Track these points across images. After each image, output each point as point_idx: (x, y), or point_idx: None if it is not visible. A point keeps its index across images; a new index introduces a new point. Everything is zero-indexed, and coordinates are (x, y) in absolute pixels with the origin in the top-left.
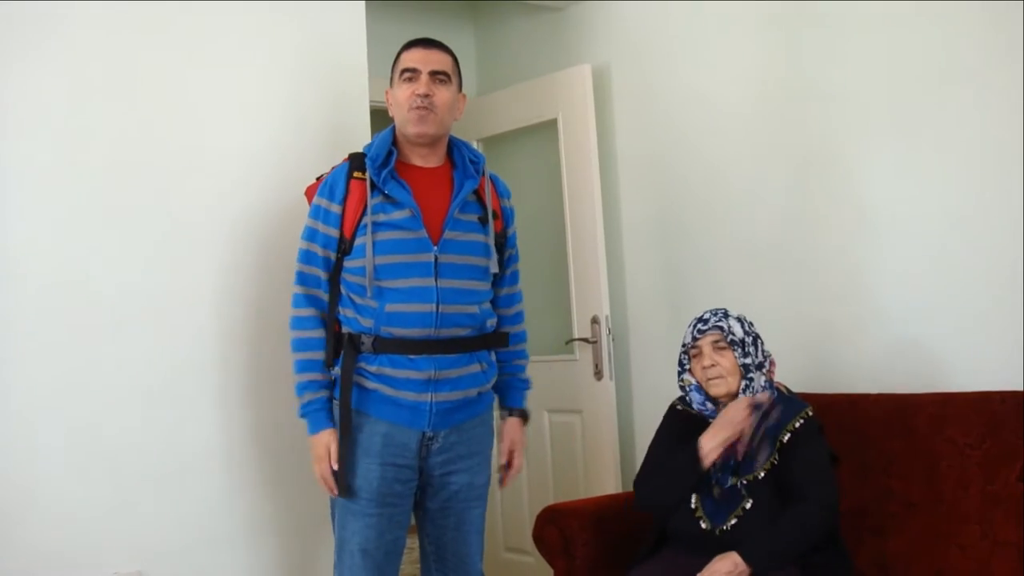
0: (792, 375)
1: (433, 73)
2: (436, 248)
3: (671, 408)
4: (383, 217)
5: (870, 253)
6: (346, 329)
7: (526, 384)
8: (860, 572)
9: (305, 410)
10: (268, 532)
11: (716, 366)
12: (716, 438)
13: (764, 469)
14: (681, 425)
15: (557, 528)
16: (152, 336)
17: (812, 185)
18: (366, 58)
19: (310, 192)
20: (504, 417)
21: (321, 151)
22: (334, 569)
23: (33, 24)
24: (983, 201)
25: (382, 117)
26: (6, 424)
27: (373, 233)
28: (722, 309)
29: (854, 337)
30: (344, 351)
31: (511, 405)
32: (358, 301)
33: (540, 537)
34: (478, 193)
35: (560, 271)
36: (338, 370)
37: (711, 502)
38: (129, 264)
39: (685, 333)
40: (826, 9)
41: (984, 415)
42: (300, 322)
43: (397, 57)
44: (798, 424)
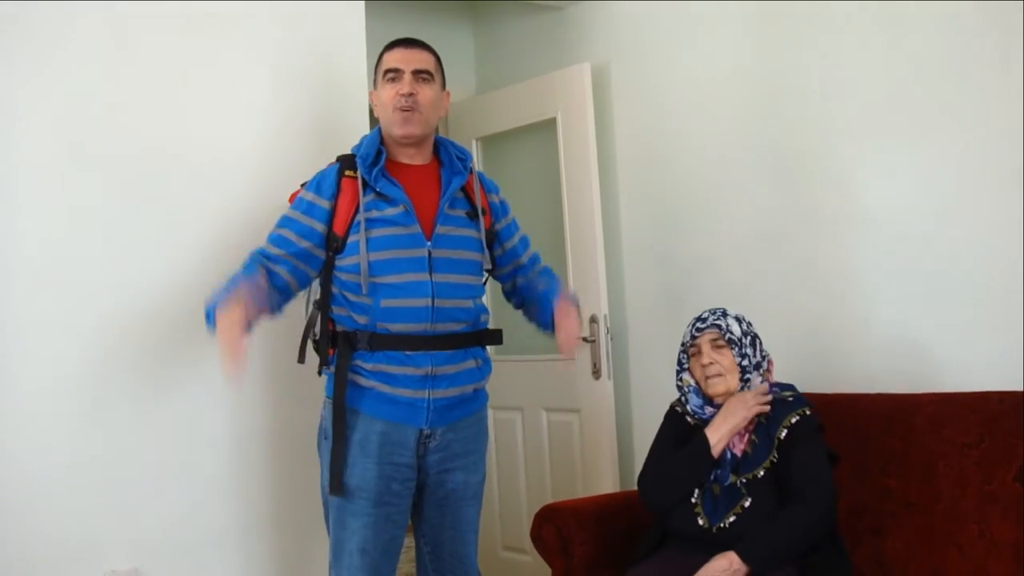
0: (790, 374)
1: (416, 72)
2: (429, 243)
3: (671, 409)
4: (376, 214)
5: (868, 252)
6: (340, 327)
7: (558, 285)
8: (858, 571)
9: (212, 301)
10: (264, 530)
11: (714, 364)
12: (721, 428)
13: (764, 467)
14: (681, 426)
15: (555, 527)
16: (149, 335)
17: (811, 184)
18: (365, 58)
19: (293, 198)
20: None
21: (320, 151)
22: (330, 569)
23: (30, 25)
24: (982, 200)
25: None
26: (3, 421)
27: (368, 230)
28: (721, 308)
29: (852, 337)
30: (339, 349)
31: (552, 297)
32: (352, 299)
33: (538, 536)
34: (466, 190)
35: (558, 270)
36: (332, 368)
37: (710, 500)
38: (127, 263)
39: (684, 332)
40: (824, 9)
41: (982, 415)
42: (243, 267)
43: (379, 58)
44: (794, 420)
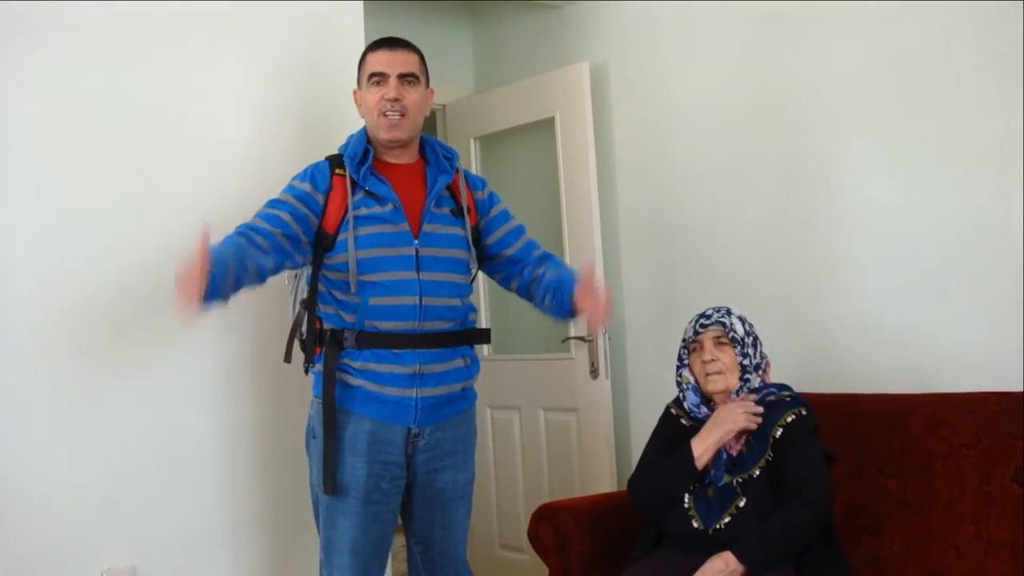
0: (788, 374)
1: (401, 76)
2: (417, 241)
3: (666, 411)
4: (365, 211)
5: (867, 252)
6: (328, 326)
7: (571, 275)
8: (855, 571)
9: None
10: (262, 528)
11: (716, 361)
12: (706, 440)
13: (759, 467)
14: (675, 429)
15: (552, 526)
16: (146, 334)
17: (809, 184)
18: None
19: None
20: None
21: (320, 151)
22: (321, 568)
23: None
24: (981, 201)
25: None
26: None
27: (356, 228)
28: (725, 307)
29: (850, 336)
30: (326, 347)
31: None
32: (340, 297)
33: (535, 535)
34: (451, 188)
35: None
36: (319, 367)
37: (704, 502)
38: (123, 262)
39: (686, 328)
40: (822, 9)
41: (980, 415)
42: (228, 237)
43: (363, 58)
44: (790, 419)
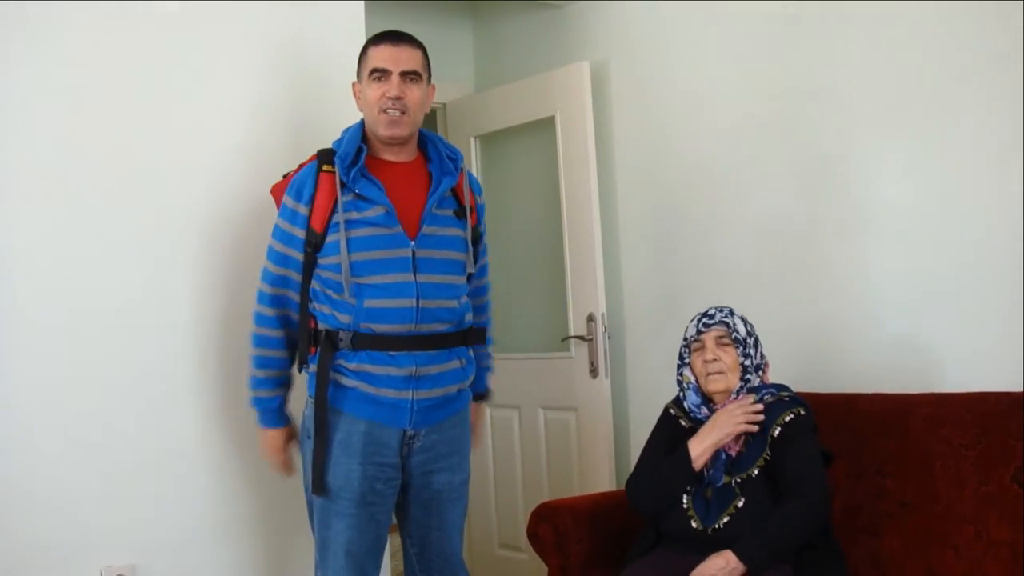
0: (788, 374)
1: (404, 73)
2: (413, 243)
3: (665, 411)
4: (356, 215)
5: (867, 252)
6: (323, 326)
7: (489, 370)
8: (853, 571)
9: (261, 406)
10: (261, 527)
11: (718, 361)
12: (704, 442)
13: (757, 466)
14: (674, 429)
15: (551, 525)
16: (144, 333)
17: (809, 183)
18: None
19: (276, 190)
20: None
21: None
22: (316, 569)
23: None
24: (982, 201)
25: None
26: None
27: (348, 230)
28: (727, 307)
29: (850, 336)
30: (321, 348)
31: (476, 390)
32: (335, 297)
33: (534, 534)
34: (454, 189)
35: (556, 268)
36: (313, 367)
37: (702, 502)
38: (125, 261)
39: (687, 327)
40: (824, 8)
41: (979, 415)
42: (263, 320)
43: (365, 50)
44: (788, 418)
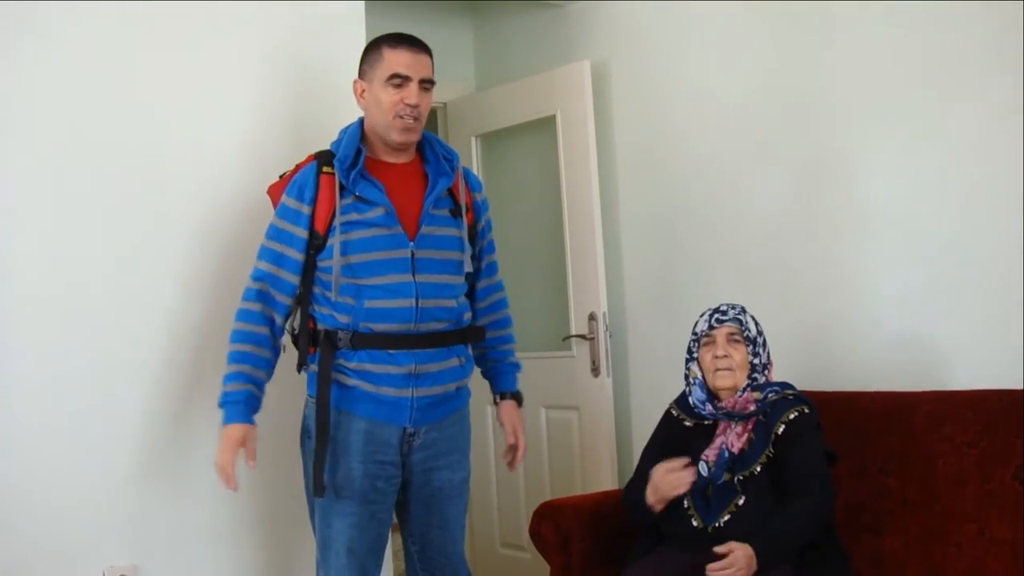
0: (790, 372)
1: (422, 81)
2: (412, 244)
3: (667, 412)
4: (356, 216)
5: (868, 251)
6: (321, 326)
7: (516, 367)
8: (856, 570)
9: (224, 399)
10: (263, 526)
11: (728, 357)
12: (655, 495)
13: (760, 463)
14: (675, 429)
15: (553, 524)
16: (146, 333)
17: (811, 182)
18: None
19: (273, 190)
20: (498, 402)
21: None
22: (318, 568)
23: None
24: (982, 200)
25: None
26: (1, 419)
27: (347, 232)
28: (739, 304)
29: (852, 334)
30: (321, 348)
31: (504, 389)
32: (335, 298)
33: (536, 533)
34: (450, 189)
35: (558, 267)
36: (313, 367)
37: (703, 500)
38: (126, 261)
39: (697, 321)
40: (825, 8)
41: (981, 414)
42: (246, 315)
43: (378, 50)
44: (792, 416)
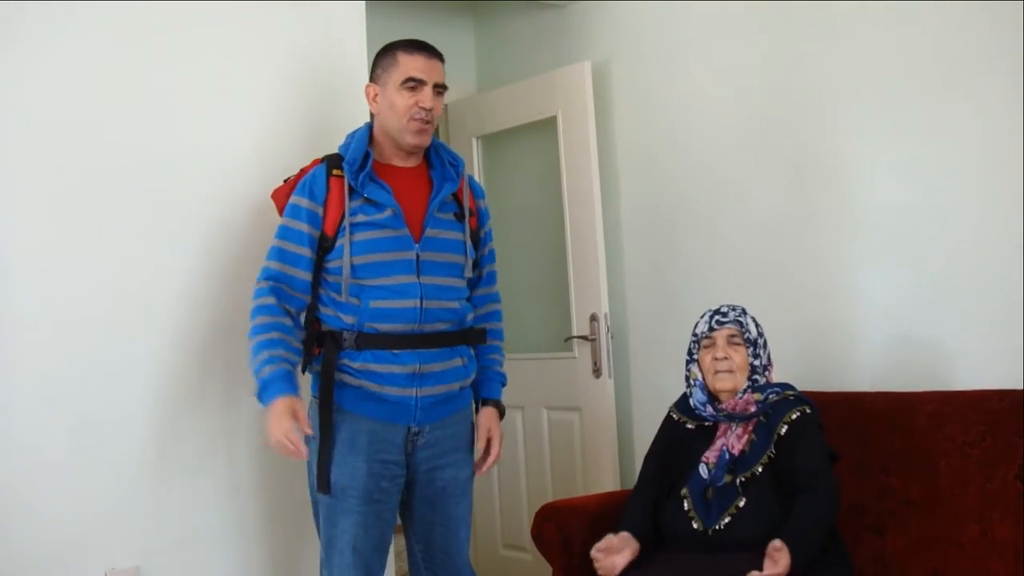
0: (791, 372)
1: (436, 86)
2: (418, 246)
3: (667, 416)
4: (363, 218)
5: (869, 251)
6: (326, 327)
7: (502, 377)
8: (858, 570)
9: (263, 382)
10: (264, 527)
11: (728, 359)
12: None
13: (762, 463)
14: (674, 435)
15: (555, 526)
16: (148, 333)
17: (811, 183)
18: (366, 57)
19: (277, 195)
20: (478, 408)
21: (321, 151)
22: (322, 567)
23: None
24: (983, 200)
25: None
26: (2, 419)
27: (354, 233)
28: (740, 305)
29: (853, 335)
30: (325, 348)
31: (487, 396)
32: (339, 299)
33: (538, 535)
34: (455, 194)
35: (559, 269)
36: (317, 367)
37: (703, 503)
38: (128, 262)
39: (698, 323)
40: (824, 8)
41: (984, 413)
42: (263, 309)
43: (392, 55)
44: (794, 416)
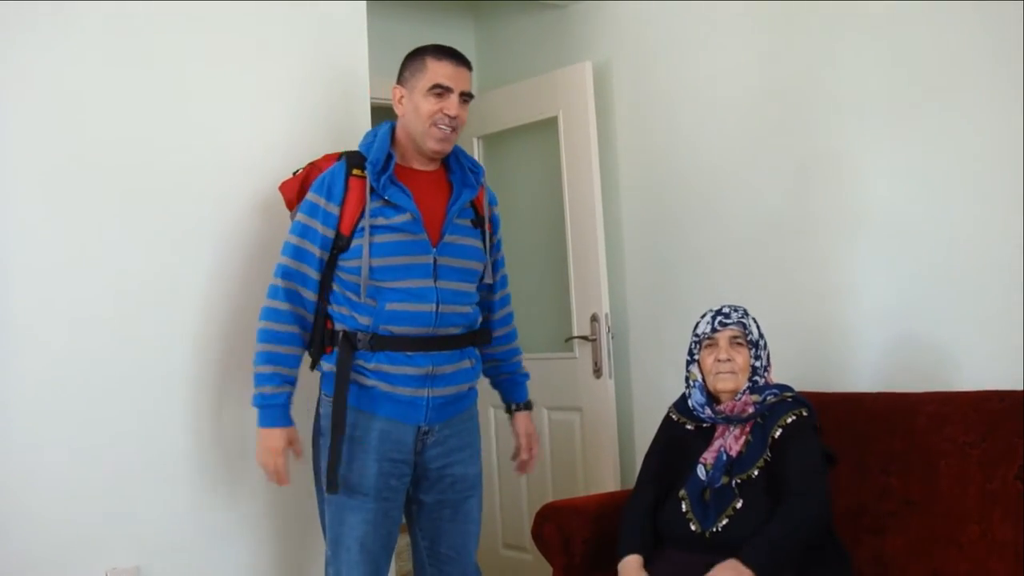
0: (791, 373)
1: (462, 94)
2: (435, 250)
3: (666, 417)
4: (383, 221)
5: (870, 251)
6: (339, 326)
7: (526, 377)
8: (857, 571)
9: (264, 401)
10: (265, 528)
11: (730, 361)
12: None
13: (757, 467)
14: (673, 436)
15: (556, 525)
16: (150, 335)
17: (812, 183)
18: (367, 57)
19: (286, 187)
20: (512, 411)
21: (322, 150)
22: (328, 566)
23: (30, 23)
24: (982, 200)
25: (383, 115)
26: (3, 419)
27: (372, 235)
28: (741, 306)
29: (853, 335)
30: (340, 348)
31: (517, 400)
32: (355, 299)
33: (539, 535)
34: (473, 201)
35: (560, 269)
36: (329, 366)
37: (701, 505)
38: (129, 262)
39: (699, 323)
40: (826, 9)
41: (984, 414)
42: (275, 314)
43: (421, 60)
44: (790, 420)
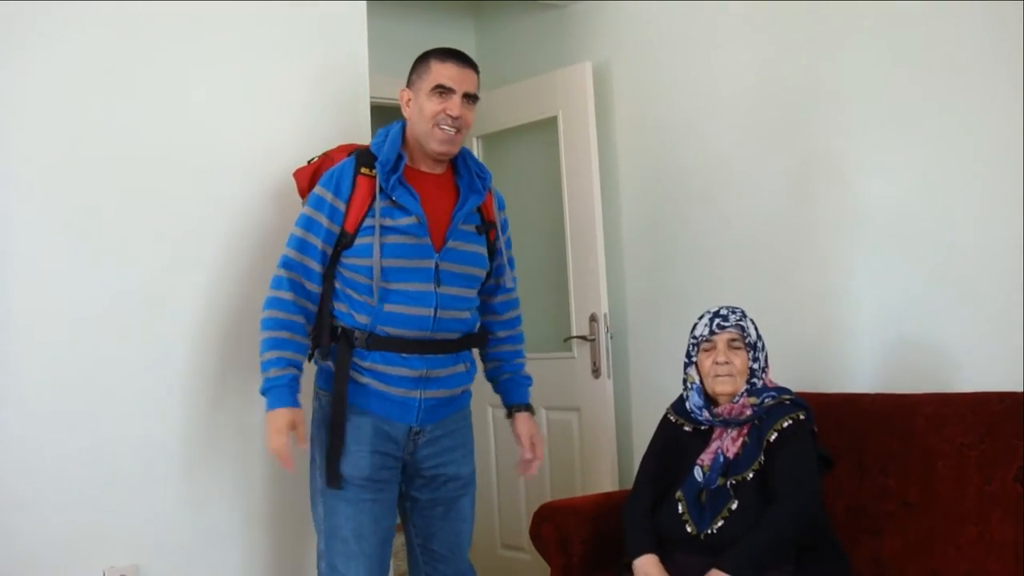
0: (789, 374)
1: (466, 95)
2: (438, 255)
3: (664, 418)
4: (389, 222)
5: (869, 252)
6: (338, 323)
7: (529, 380)
8: (856, 571)
9: (269, 384)
10: (263, 525)
11: (729, 364)
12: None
13: (752, 470)
14: (671, 437)
15: (554, 526)
16: (150, 334)
17: (812, 183)
18: (367, 56)
19: (300, 174)
20: (513, 414)
21: (321, 150)
22: (320, 559)
23: (32, 22)
24: (982, 200)
25: (383, 115)
26: (3, 417)
27: (381, 236)
28: (739, 308)
29: (853, 336)
30: (339, 345)
31: (519, 402)
32: (355, 297)
33: (537, 535)
34: (480, 207)
35: (559, 269)
36: (329, 363)
37: (697, 506)
38: (130, 262)
39: (696, 325)
40: (826, 8)
41: (982, 415)
42: (280, 303)
43: (426, 62)
44: (786, 424)
